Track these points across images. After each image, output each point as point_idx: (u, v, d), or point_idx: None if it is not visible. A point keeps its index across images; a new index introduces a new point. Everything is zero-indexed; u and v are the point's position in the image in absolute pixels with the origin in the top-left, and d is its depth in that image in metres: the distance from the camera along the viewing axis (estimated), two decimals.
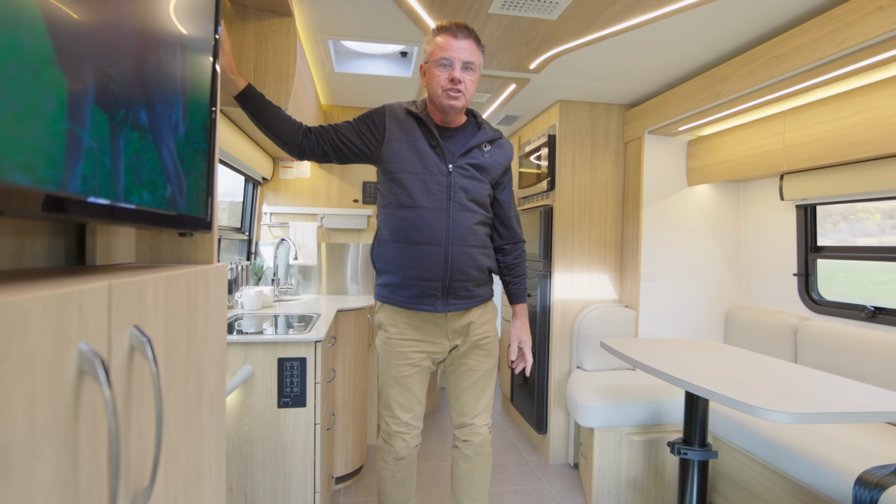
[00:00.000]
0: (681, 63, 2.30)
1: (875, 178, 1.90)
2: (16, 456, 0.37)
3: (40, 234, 0.69)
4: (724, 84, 2.10)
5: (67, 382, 0.44)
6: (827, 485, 1.59)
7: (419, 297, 1.56)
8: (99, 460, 0.48)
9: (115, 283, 0.51)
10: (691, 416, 1.70)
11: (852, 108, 1.83)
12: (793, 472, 1.72)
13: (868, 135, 1.77)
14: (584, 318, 2.75)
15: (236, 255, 2.74)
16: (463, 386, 1.68)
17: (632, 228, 2.84)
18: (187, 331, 0.71)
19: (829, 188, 2.11)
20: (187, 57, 0.74)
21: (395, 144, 1.56)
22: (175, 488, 0.68)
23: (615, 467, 2.24)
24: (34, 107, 0.41)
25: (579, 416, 2.29)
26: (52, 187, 0.44)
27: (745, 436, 1.97)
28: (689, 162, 2.78)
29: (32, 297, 0.39)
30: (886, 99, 1.71)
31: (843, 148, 1.87)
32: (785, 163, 2.14)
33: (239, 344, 1.71)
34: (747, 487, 2.02)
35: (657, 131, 2.68)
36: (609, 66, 2.34)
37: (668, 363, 1.71)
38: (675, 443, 1.70)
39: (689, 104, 2.33)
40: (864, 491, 1.36)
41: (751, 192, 2.79)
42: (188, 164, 0.75)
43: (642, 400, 2.26)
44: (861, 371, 1.98)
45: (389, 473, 1.69)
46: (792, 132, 2.09)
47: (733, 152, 2.45)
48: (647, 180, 2.73)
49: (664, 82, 2.55)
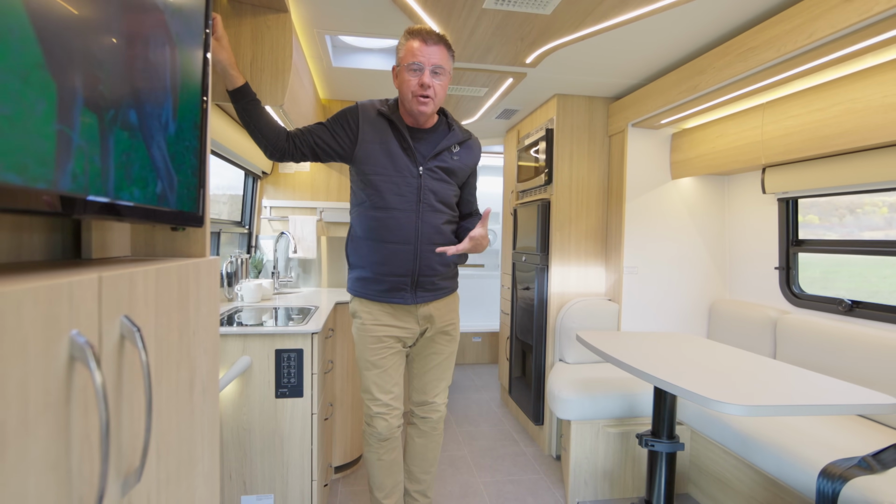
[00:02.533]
0: (663, 55, 2.28)
1: (853, 172, 1.89)
2: (10, 434, 0.40)
3: (38, 229, 0.72)
4: (701, 77, 2.09)
5: (59, 368, 0.47)
6: (793, 477, 1.61)
7: (389, 290, 1.66)
8: (91, 441, 0.52)
9: (105, 276, 0.54)
10: (659, 408, 1.72)
11: (826, 101, 1.83)
12: (761, 465, 1.75)
13: (841, 128, 1.77)
14: (567, 311, 2.77)
15: (236, 249, 2.78)
16: (427, 367, 1.81)
17: (615, 222, 2.85)
18: (178, 321, 0.74)
19: (809, 181, 2.11)
20: (177, 56, 0.77)
21: (368, 146, 1.62)
22: (167, 471, 0.71)
23: (592, 459, 2.27)
24: (24, 110, 0.44)
25: (557, 409, 2.30)
26: (42, 185, 0.47)
27: (718, 429, 2.00)
28: (673, 155, 2.77)
29: (24, 287, 0.42)
30: (858, 92, 1.70)
31: (817, 141, 1.86)
32: (763, 156, 2.14)
33: (237, 335, 1.74)
34: (721, 479, 2.06)
35: (640, 124, 2.68)
36: (604, 59, 2.35)
37: (637, 356, 1.72)
38: (644, 435, 1.72)
39: (668, 97, 2.33)
40: (828, 483, 1.38)
41: (735, 186, 2.79)
42: (179, 161, 0.78)
43: (619, 393, 2.27)
44: (838, 364, 1.99)
45: (376, 457, 1.76)
46: (770, 125, 2.09)
47: (714, 145, 2.44)
48: (630, 173, 2.73)
49: (647, 74, 2.54)
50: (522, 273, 3.26)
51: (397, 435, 1.77)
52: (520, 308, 3.27)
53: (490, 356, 4.79)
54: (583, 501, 2.25)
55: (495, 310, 5.13)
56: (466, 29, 2.01)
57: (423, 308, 1.71)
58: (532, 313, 2.99)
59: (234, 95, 1.52)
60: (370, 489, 1.84)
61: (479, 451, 2.83)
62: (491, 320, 5.12)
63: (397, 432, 1.76)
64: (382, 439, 1.74)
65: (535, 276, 2.97)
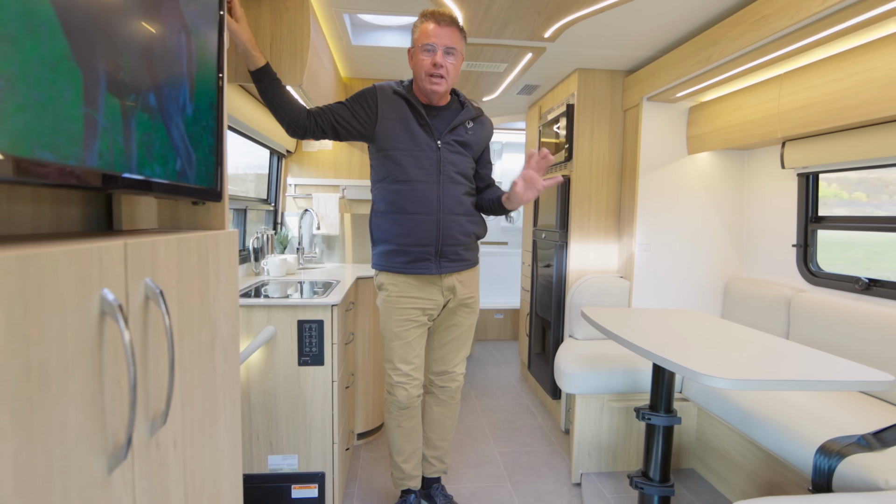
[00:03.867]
0: (678, 25, 2.20)
1: (875, 145, 1.80)
2: (52, 372, 0.48)
3: (75, 203, 0.80)
4: (714, 47, 2.02)
5: (92, 321, 0.54)
6: (792, 453, 1.61)
7: (414, 261, 1.73)
8: (121, 385, 0.60)
9: (130, 242, 0.61)
10: (658, 383, 1.73)
11: (844, 70, 1.74)
12: (762, 441, 1.75)
13: (859, 99, 1.69)
14: (578, 288, 2.77)
15: (263, 225, 2.89)
16: (447, 339, 1.89)
17: (628, 197, 2.80)
18: (199, 287, 0.82)
19: (829, 155, 2.02)
20: (192, 42, 0.82)
21: (387, 123, 1.68)
22: (191, 419, 0.80)
23: (596, 433, 2.30)
24: (55, 96, 0.50)
25: (562, 383, 2.33)
26: (73, 162, 0.54)
27: (722, 406, 2.00)
28: (690, 129, 2.69)
29: (60, 249, 0.49)
30: (878, 60, 1.62)
31: (835, 113, 1.79)
32: (779, 129, 2.06)
33: (262, 307, 1.85)
34: (725, 455, 2.07)
35: (655, 98, 2.61)
36: (624, 32, 2.30)
37: (637, 332, 1.72)
38: (642, 408, 1.75)
39: (682, 69, 2.25)
40: (825, 459, 1.38)
41: (755, 161, 2.69)
42: (197, 140, 0.84)
43: (622, 369, 2.28)
44: (850, 343, 1.95)
45: (396, 424, 1.86)
46: (787, 97, 2.01)
47: (731, 119, 2.36)
48: (645, 149, 2.67)
49: (662, 46, 2.46)
50: (542, 250, 3.27)
51: (417, 404, 1.86)
52: (540, 285, 3.30)
53: (512, 332, 4.85)
54: (586, 473, 2.30)
55: (517, 287, 5.16)
56: (482, 4, 2.01)
57: (448, 279, 1.78)
58: (551, 290, 3.02)
59: (255, 75, 1.58)
60: (390, 453, 1.95)
61: (496, 423, 2.92)
62: (513, 297, 5.16)
63: (417, 402, 1.85)
64: (402, 408, 1.83)
65: (555, 253, 2.98)
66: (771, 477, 1.80)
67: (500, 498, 2.14)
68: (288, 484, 1.89)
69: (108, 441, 0.57)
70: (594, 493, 2.15)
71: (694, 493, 2.14)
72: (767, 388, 1.22)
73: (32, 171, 0.48)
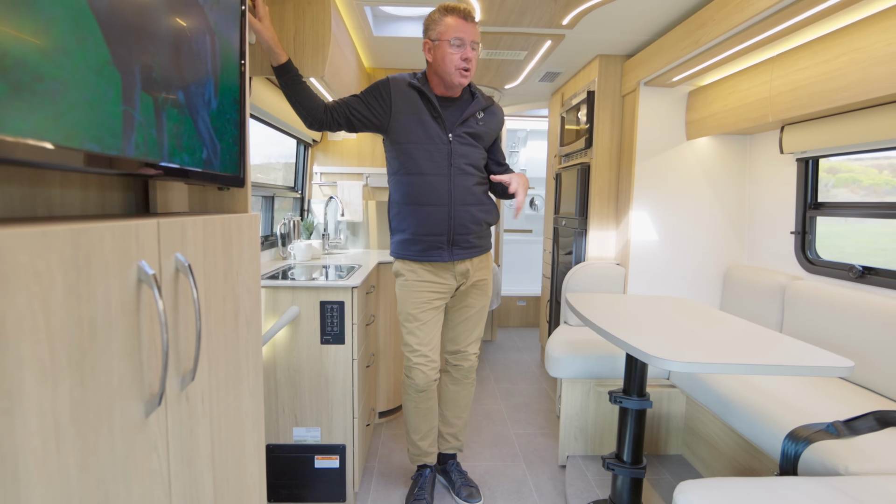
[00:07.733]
0: (672, 7, 2.16)
1: (874, 128, 1.74)
2: (99, 326, 0.57)
3: (117, 188, 0.91)
4: (703, 30, 1.97)
5: (131, 286, 0.64)
6: (763, 440, 1.61)
7: (428, 249, 1.82)
8: (155, 343, 0.70)
9: (162, 222, 0.71)
10: (630, 367, 1.75)
11: (832, 51, 1.69)
12: (738, 427, 1.75)
13: (845, 80, 1.63)
14: (573, 275, 2.77)
15: (290, 212, 3.02)
16: (460, 319, 1.98)
17: (625, 183, 2.78)
18: (224, 263, 0.92)
19: (827, 139, 1.95)
20: (216, 43, 0.91)
21: (401, 117, 1.75)
22: (217, 380, 0.90)
23: (582, 416, 2.32)
24: (99, 96, 0.60)
25: (550, 367, 2.34)
26: (114, 152, 0.63)
27: (704, 392, 2.00)
28: (689, 114, 2.63)
29: (105, 225, 0.58)
30: (863, 40, 1.56)
31: (824, 95, 1.73)
32: (770, 113, 2.01)
33: (288, 288, 1.96)
34: (710, 441, 2.09)
35: (652, 82, 2.56)
36: (643, 17, 2.29)
37: (611, 317, 1.73)
38: (615, 392, 1.77)
39: (673, 53, 2.21)
40: (792, 445, 1.40)
41: (757, 147, 2.61)
42: (221, 132, 0.94)
43: (605, 354, 2.28)
44: (842, 331, 1.91)
45: (413, 405, 1.96)
46: (778, 80, 1.96)
47: (726, 103, 2.31)
48: (643, 134, 2.63)
49: (657, 29, 2.41)
50: (563, 238, 3.30)
51: (433, 388, 1.95)
52: (560, 272, 3.34)
53: (534, 320, 4.90)
54: (572, 455, 2.34)
55: (540, 275, 5.19)
56: None
57: (460, 265, 1.87)
58: None
59: (278, 71, 1.67)
60: (407, 431, 2.05)
61: (514, 407, 2.99)
62: (535, 285, 5.20)
63: (433, 385, 1.94)
64: (420, 390, 1.92)
65: (574, 240, 3.01)
66: (749, 462, 1.81)
67: (515, 476, 2.22)
68: (311, 454, 2.02)
69: (144, 389, 0.67)
70: (577, 474, 2.19)
71: (678, 477, 2.17)
72: (716, 371, 1.24)
73: (82, 160, 0.57)
